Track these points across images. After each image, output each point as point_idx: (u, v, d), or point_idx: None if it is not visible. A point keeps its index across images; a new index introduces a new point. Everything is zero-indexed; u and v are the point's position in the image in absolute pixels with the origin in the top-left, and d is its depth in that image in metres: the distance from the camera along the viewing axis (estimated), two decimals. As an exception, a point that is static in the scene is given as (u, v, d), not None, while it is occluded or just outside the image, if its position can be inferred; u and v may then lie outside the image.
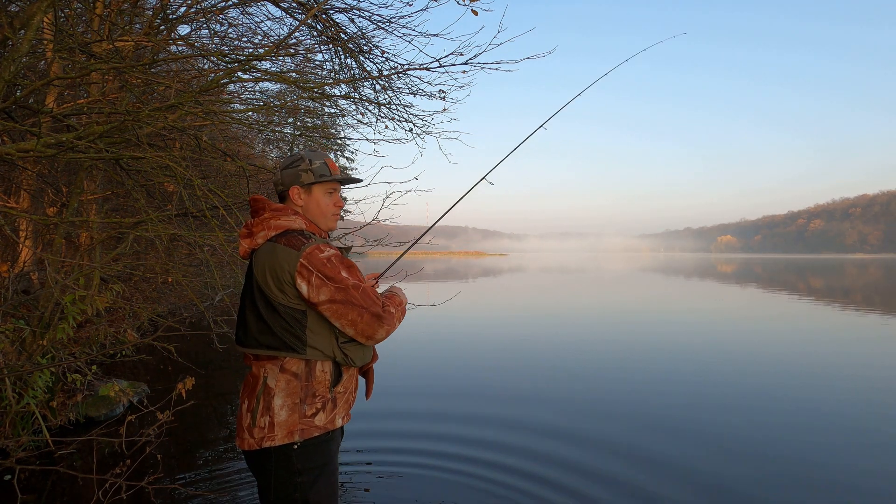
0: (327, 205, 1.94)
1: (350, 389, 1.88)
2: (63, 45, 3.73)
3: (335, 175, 1.94)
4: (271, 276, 1.74)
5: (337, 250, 1.82)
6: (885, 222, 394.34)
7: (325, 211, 1.94)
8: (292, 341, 1.73)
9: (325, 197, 1.93)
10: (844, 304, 18.31)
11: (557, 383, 6.94)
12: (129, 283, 6.73)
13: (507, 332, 11.50)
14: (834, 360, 8.58)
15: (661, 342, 10.21)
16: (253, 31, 5.44)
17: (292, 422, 1.73)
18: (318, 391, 1.77)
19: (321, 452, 1.77)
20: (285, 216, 1.85)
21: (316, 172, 1.90)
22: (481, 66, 4.09)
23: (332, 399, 1.80)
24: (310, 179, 1.90)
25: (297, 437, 1.72)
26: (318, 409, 1.76)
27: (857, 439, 4.96)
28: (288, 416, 1.73)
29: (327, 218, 1.95)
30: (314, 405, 1.76)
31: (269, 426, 1.72)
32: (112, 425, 3.90)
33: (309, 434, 1.74)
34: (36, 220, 4.58)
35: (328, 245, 1.79)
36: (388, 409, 5.56)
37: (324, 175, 1.91)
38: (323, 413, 1.77)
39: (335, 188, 1.96)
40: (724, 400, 6.20)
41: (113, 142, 3.43)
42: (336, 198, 1.96)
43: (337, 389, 1.81)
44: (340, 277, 1.72)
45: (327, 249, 1.77)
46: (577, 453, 4.50)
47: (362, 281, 1.78)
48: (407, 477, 4.01)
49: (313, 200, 1.92)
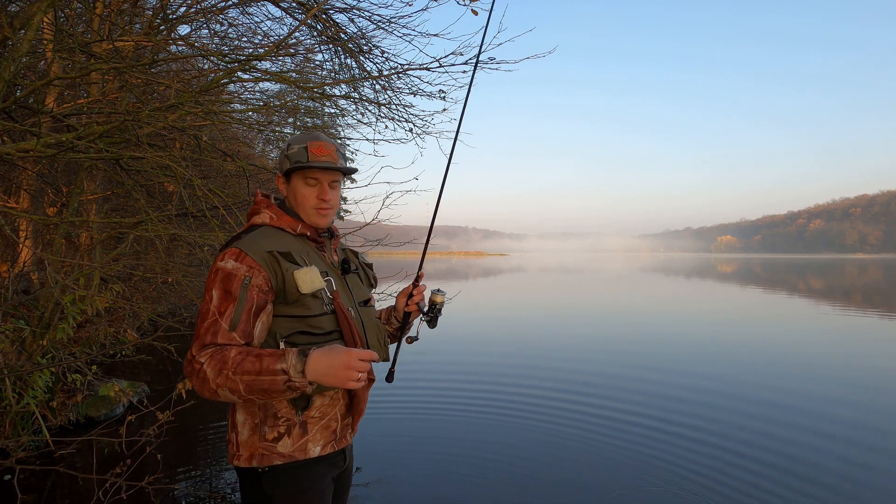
0: (305, 197, 1.65)
1: (332, 415, 1.61)
2: (63, 45, 3.73)
3: (311, 162, 1.62)
4: None
5: (244, 263, 1.49)
6: (885, 222, 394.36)
7: (304, 203, 1.66)
8: None
9: (304, 188, 1.65)
10: (859, 306, 18.32)
11: (556, 384, 6.94)
12: (129, 283, 6.73)
13: (505, 333, 11.50)
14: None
15: (661, 342, 10.22)
16: (253, 31, 5.45)
17: (252, 444, 1.54)
18: (281, 412, 1.54)
19: (294, 479, 1.55)
20: (259, 210, 1.68)
21: (292, 158, 1.64)
22: (481, 66, 4.09)
23: (300, 424, 1.56)
24: (286, 166, 1.66)
25: (255, 463, 1.53)
26: (280, 433, 1.54)
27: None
28: (249, 436, 1.55)
29: (307, 212, 1.66)
30: (276, 428, 1.54)
31: (236, 444, 1.57)
32: (112, 425, 3.90)
33: (270, 461, 1.52)
34: (36, 220, 4.58)
35: (238, 255, 1.50)
36: (388, 410, 5.56)
37: (299, 162, 1.62)
38: (288, 439, 1.54)
39: (317, 178, 1.65)
40: (723, 400, 6.20)
41: (113, 142, 3.43)
42: (322, 189, 1.65)
43: (308, 413, 1.57)
44: (205, 293, 1.49)
45: (229, 260, 1.49)
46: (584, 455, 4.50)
47: (222, 314, 1.45)
48: (407, 479, 4.00)
49: (292, 191, 1.67)
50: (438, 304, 1.85)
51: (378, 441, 4.72)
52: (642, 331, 11.71)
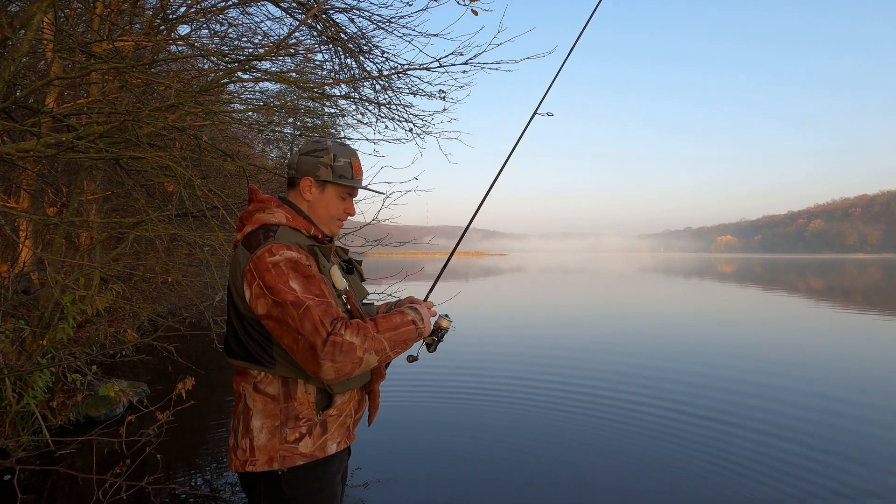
0: (337, 209, 1.69)
1: (347, 412, 1.63)
2: (63, 45, 3.73)
3: (356, 181, 1.68)
4: (232, 279, 1.55)
5: (299, 252, 1.51)
6: (885, 222, 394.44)
7: (333, 215, 1.69)
8: (259, 353, 1.52)
9: (338, 200, 1.68)
10: (859, 305, 18.32)
11: (556, 384, 6.94)
12: (129, 283, 6.73)
13: (505, 333, 11.50)
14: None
15: (660, 343, 10.22)
16: (253, 31, 5.45)
17: (272, 447, 1.52)
18: (302, 413, 1.54)
19: (314, 478, 1.56)
20: (268, 209, 1.61)
21: (336, 171, 1.65)
22: (481, 66, 4.09)
23: (320, 423, 1.56)
24: (327, 176, 1.64)
25: (276, 466, 1.52)
26: (302, 434, 1.53)
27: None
28: (267, 440, 1.52)
29: (332, 223, 1.71)
30: (297, 430, 1.53)
31: (249, 449, 1.54)
32: (112, 425, 3.90)
33: (292, 462, 1.52)
34: (36, 220, 4.58)
35: (287, 246, 1.50)
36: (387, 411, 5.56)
37: (344, 177, 1.65)
38: (309, 438, 1.54)
39: (351, 193, 1.71)
40: (724, 401, 6.20)
41: (113, 142, 3.43)
42: (349, 204, 1.72)
43: (328, 412, 1.57)
44: (280, 289, 1.43)
45: (283, 251, 1.48)
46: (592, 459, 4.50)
47: (320, 296, 1.45)
48: (405, 482, 4.01)
49: (323, 200, 1.67)
50: (444, 330, 1.78)
51: (378, 441, 4.71)
52: (642, 330, 11.71)
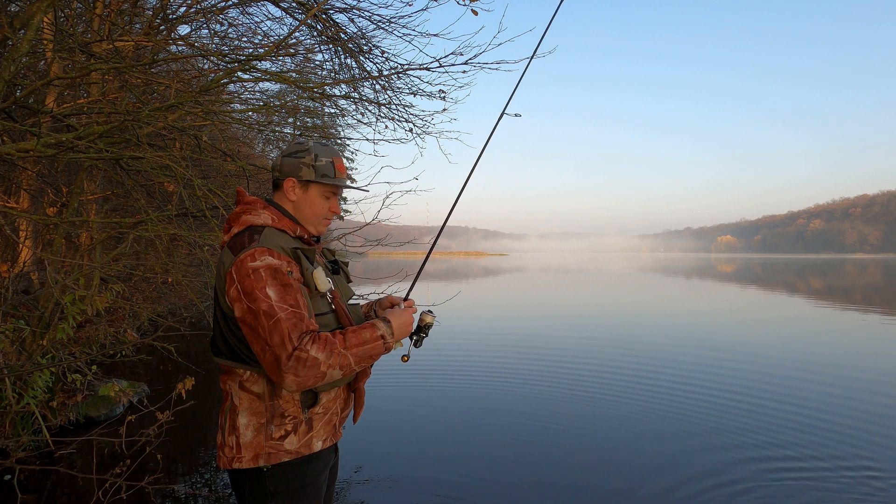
0: (322, 208, 1.72)
1: (333, 410, 1.66)
2: (63, 45, 3.73)
3: (339, 179, 1.72)
4: (218, 280, 1.59)
5: (280, 259, 1.53)
6: (885, 222, 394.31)
7: (318, 214, 1.72)
8: (244, 352, 1.56)
9: (322, 200, 1.72)
10: (864, 307, 18.33)
11: (555, 386, 6.94)
12: (129, 283, 6.72)
13: (506, 332, 11.50)
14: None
15: (660, 343, 10.22)
16: (253, 31, 5.44)
17: (257, 444, 1.56)
18: (288, 411, 1.57)
19: (298, 475, 1.60)
20: (254, 211, 1.64)
21: (318, 171, 1.68)
22: (481, 66, 4.08)
23: (306, 421, 1.60)
24: (309, 176, 1.68)
25: (262, 462, 1.56)
26: (287, 431, 1.57)
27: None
28: (253, 436, 1.56)
29: (318, 222, 1.74)
30: (283, 427, 1.57)
31: (236, 447, 1.57)
32: (112, 425, 3.90)
33: (277, 459, 1.56)
34: (36, 220, 4.58)
35: (270, 251, 1.52)
36: (388, 412, 5.56)
37: (326, 176, 1.69)
38: (295, 436, 1.58)
39: (335, 192, 1.74)
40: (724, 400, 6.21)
41: (113, 142, 3.43)
42: (333, 203, 1.75)
43: (314, 410, 1.61)
44: (256, 296, 1.46)
45: (265, 257, 1.51)
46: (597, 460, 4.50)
47: (294, 306, 1.48)
48: (405, 481, 4.00)
49: (307, 200, 1.71)
50: (428, 325, 1.79)
51: (378, 441, 4.72)
52: (640, 329, 11.72)
